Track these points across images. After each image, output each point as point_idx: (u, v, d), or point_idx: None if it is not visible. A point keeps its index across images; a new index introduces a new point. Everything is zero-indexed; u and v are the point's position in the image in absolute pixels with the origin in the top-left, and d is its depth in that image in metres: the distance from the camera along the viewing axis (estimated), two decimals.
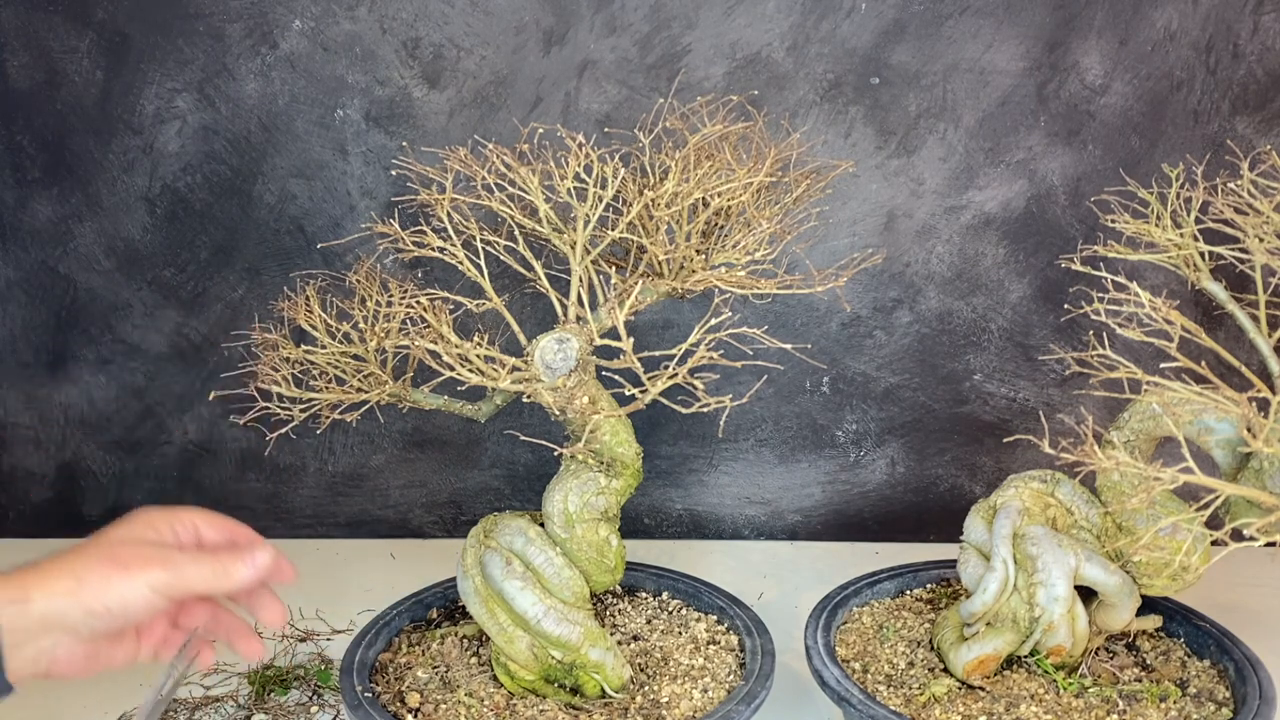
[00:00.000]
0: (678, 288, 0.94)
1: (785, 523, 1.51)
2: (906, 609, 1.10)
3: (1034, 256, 1.39)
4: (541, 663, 0.95)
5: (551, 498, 0.95)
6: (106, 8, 1.31)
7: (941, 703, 0.95)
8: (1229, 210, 0.95)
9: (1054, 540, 0.97)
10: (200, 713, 1.09)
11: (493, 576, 0.94)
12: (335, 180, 1.37)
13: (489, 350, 0.89)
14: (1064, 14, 1.31)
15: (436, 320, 0.89)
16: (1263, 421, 0.80)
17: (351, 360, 0.95)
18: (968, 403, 1.45)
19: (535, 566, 0.94)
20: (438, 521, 1.50)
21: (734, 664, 1.00)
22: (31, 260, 1.39)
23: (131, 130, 1.35)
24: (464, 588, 0.96)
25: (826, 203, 1.38)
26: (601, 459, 0.95)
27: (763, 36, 1.32)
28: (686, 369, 0.87)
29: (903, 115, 1.35)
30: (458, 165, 0.97)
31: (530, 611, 0.93)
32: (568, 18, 1.32)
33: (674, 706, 0.94)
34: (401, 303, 0.91)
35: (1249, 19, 1.31)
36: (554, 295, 0.93)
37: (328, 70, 1.33)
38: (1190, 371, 0.89)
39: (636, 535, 1.50)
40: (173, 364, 1.43)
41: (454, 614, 1.08)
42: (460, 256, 0.92)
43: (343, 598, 1.26)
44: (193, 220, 1.38)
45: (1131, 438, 0.97)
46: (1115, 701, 0.95)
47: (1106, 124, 1.34)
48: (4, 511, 1.48)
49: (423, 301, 0.90)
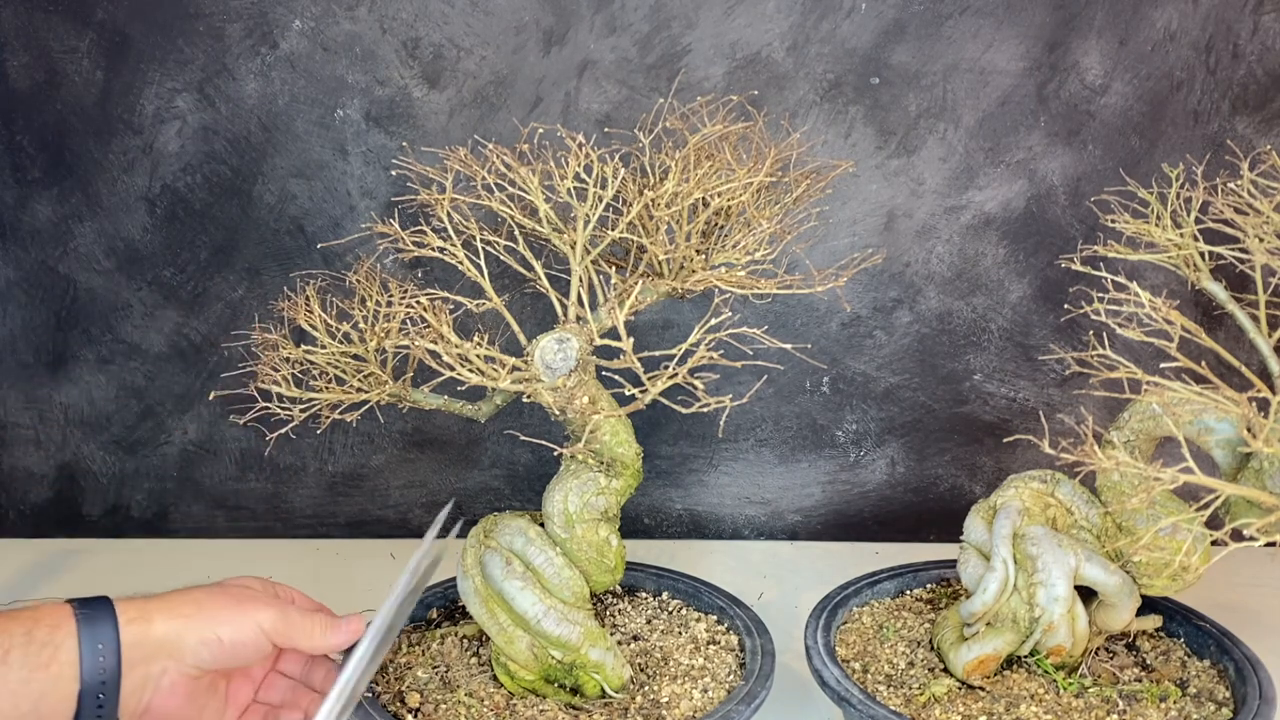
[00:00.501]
0: (678, 288, 0.94)
1: (785, 523, 1.51)
2: (906, 609, 1.10)
3: (1034, 256, 1.39)
4: (541, 663, 0.95)
5: (551, 498, 0.95)
6: (106, 8, 1.31)
7: (941, 703, 0.95)
8: (1229, 210, 0.95)
9: (1054, 540, 0.97)
10: None
11: (493, 577, 0.94)
12: (335, 180, 1.37)
13: (489, 350, 0.89)
14: (1064, 14, 1.31)
15: (436, 320, 0.89)
16: (1263, 421, 0.80)
17: (351, 360, 0.95)
18: (968, 403, 1.45)
19: (535, 566, 0.94)
20: None
21: (734, 664, 1.00)
22: (31, 260, 1.39)
23: (131, 130, 1.35)
24: (464, 588, 0.96)
25: (826, 203, 1.38)
26: (601, 459, 0.95)
27: (763, 36, 1.32)
28: (687, 369, 0.87)
29: (903, 115, 1.35)
30: (458, 165, 0.97)
31: (530, 611, 0.93)
32: (568, 18, 1.32)
33: (674, 706, 0.94)
34: (401, 302, 0.91)
35: (1249, 19, 1.31)
36: (554, 295, 0.93)
37: (328, 70, 1.33)
38: (1190, 371, 0.89)
39: (636, 535, 1.50)
40: (173, 364, 1.43)
41: (454, 614, 1.08)
42: (460, 256, 0.92)
43: (343, 598, 1.26)
44: (193, 220, 1.38)
45: (1131, 438, 0.97)
46: (1115, 701, 0.95)
47: (1106, 124, 1.34)
48: (4, 511, 1.48)
49: (422, 301, 0.90)
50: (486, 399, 0.98)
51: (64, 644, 0.70)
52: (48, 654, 0.70)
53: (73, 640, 0.71)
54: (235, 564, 1.34)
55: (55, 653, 0.70)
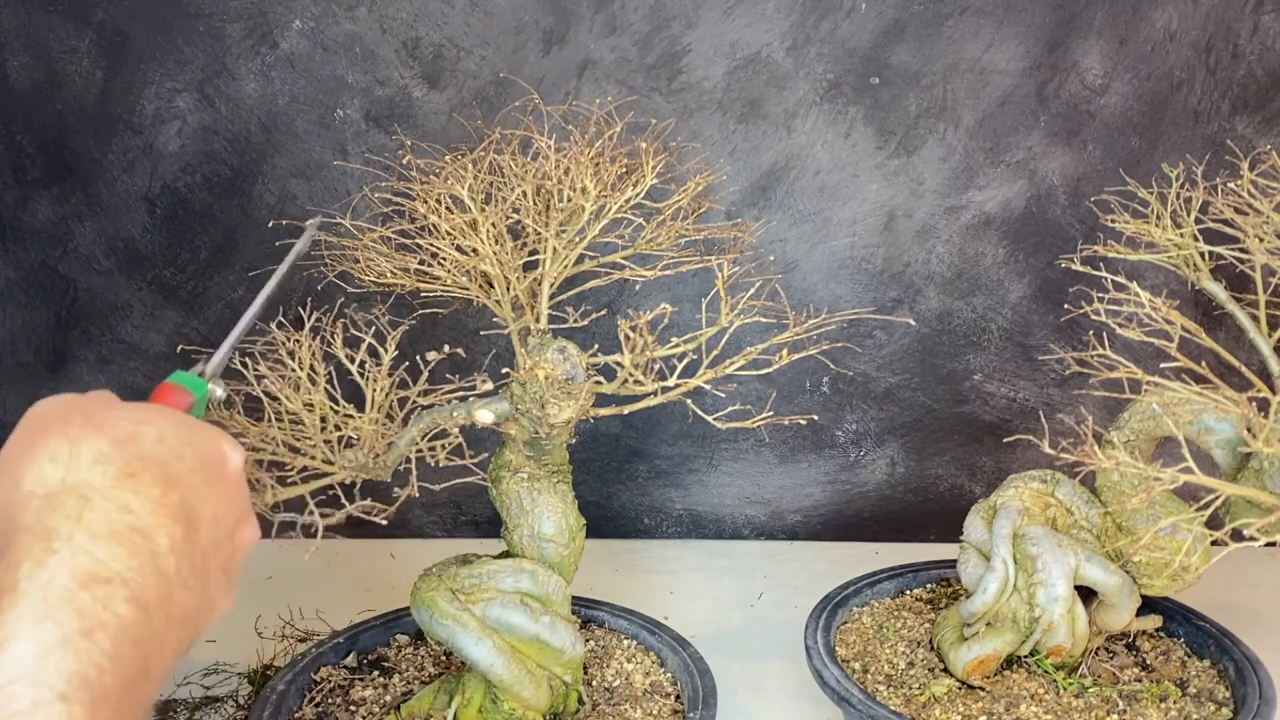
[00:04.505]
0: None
1: (785, 523, 1.51)
2: (906, 609, 1.10)
3: (1034, 256, 1.39)
4: (554, 692, 0.94)
5: (541, 521, 0.93)
6: (106, 8, 1.31)
7: (941, 703, 0.95)
8: (1229, 210, 0.95)
9: (1054, 540, 0.97)
10: (200, 713, 1.09)
11: (519, 625, 0.90)
12: (335, 180, 1.37)
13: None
14: (1064, 14, 1.31)
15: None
16: (1263, 421, 0.80)
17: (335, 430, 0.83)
18: (968, 403, 1.45)
19: (542, 597, 0.93)
20: (438, 521, 1.50)
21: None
22: (31, 260, 1.39)
23: (131, 130, 1.35)
24: (478, 653, 0.88)
25: (826, 203, 1.39)
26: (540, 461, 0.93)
27: (763, 36, 1.32)
28: (701, 381, 0.86)
29: (903, 115, 1.35)
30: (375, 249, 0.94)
31: (565, 642, 0.91)
32: (568, 18, 1.32)
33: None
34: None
35: (1249, 19, 1.31)
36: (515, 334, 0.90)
37: (328, 70, 1.33)
38: (1190, 371, 0.89)
39: (637, 535, 1.50)
40: (173, 364, 1.42)
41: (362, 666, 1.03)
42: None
43: (343, 598, 1.26)
44: (193, 220, 1.38)
45: (1131, 438, 0.97)
46: (1115, 701, 0.95)
47: (1106, 124, 1.34)
48: None
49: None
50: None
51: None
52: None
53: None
54: None
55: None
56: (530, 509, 0.93)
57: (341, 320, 0.84)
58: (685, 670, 0.97)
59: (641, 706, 0.96)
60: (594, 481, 1.47)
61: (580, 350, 0.89)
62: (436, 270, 0.92)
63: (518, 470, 0.93)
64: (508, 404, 0.89)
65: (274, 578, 1.30)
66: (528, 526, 0.93)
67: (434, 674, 1.01)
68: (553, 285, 0.91)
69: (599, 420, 1.06)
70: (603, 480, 1.48)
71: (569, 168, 0.92)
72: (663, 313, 0.85)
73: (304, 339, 0.81)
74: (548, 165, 0.92)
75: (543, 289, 0.91)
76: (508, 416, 0.90)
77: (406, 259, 0.93)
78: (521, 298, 0.91)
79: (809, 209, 1.39)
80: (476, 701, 0.92)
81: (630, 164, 0.95)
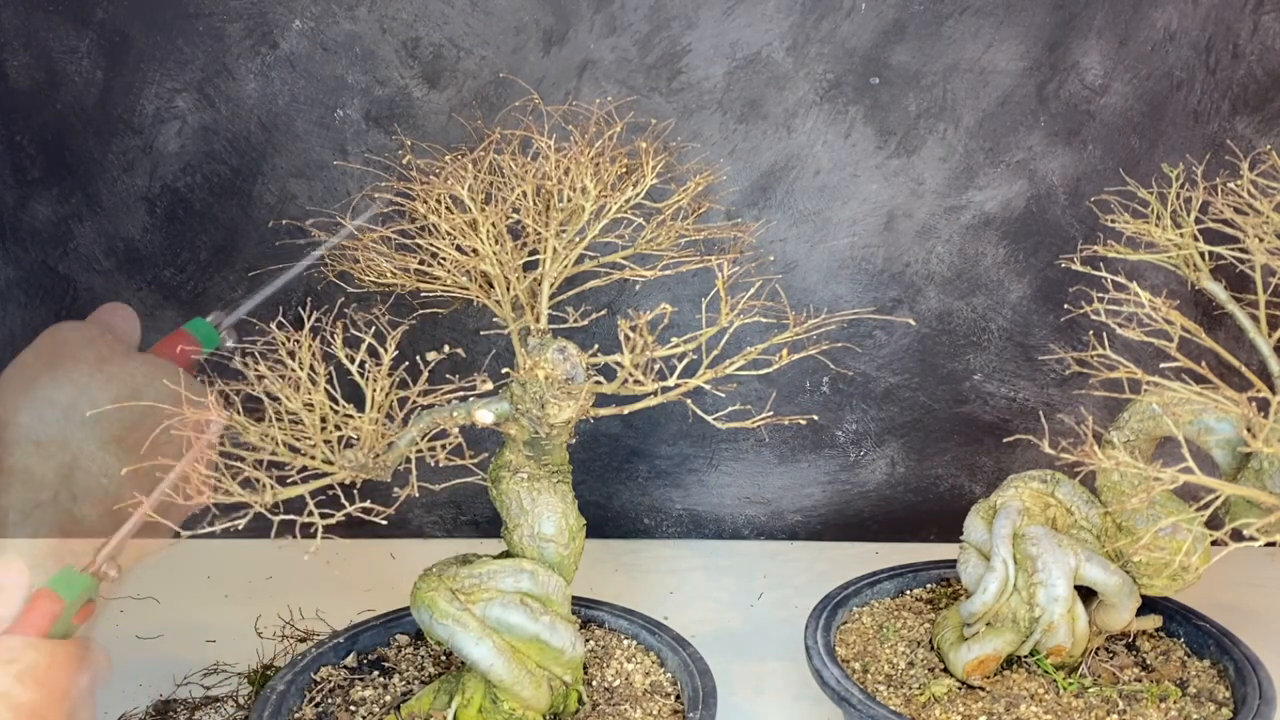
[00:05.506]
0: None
1: (785, 523, 1.51)
2: (906, 609, 1.10)
3: (1034, 256, 1.39)
4: (554, 692, 0.93)
5: (541, 521, 0.93)
6: (106, 8, 1.31)
7: (941, 703, 0.95)
8: (1229, 210, 0.95)
9: (1054, 540, 0.97)
10: (200, 713, 1.09)
11: (519, 625, 0.90)
12: (335, 180, 1.37)
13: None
14: (1064, 14, 1.31)
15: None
16: (1263, 421, 0.80)
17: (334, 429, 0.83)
18: (968, 403, 1.45)
19: (542, 597, 0.92)
20: (438, 521, 1.50)
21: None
22: (31, 260, 1.39)
23: (131, 130, 1.35)
24: (478, 653, 0.88)
25: (826, 203, 1.39)
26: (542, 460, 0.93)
27: (763, 36, 1.32)
28: (701, 381, 0.86)
29: (903, 115, 1.35)
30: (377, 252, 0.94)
31: (566, 642, 0.91)
32: (568, 18, 1.32)
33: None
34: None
35: (1249, 19, 1.31)
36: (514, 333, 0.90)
37: (328, 70, 1.33)
38: (1190, 371, 0.89)
39: (637, 535, 1.50)
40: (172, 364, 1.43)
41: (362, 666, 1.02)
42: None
43: (343, 598, 1.26)
44: (193, 220, 1.38)
45: (1131, 438, 0.97)
46: (1115, 701, 0.95)
47: (1106, 124, 1.34)
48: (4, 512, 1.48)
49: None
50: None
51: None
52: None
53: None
54: (234, 564, 1.34)
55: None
56: (530, 509, 0.93)
57: (341, 320, 0.84)
58: (685, 670, 0.97)
59: (641, 706, 0.96)
60: (594, 481, 1.47)
61: (580, 350, 0.89)
62: (436, 270, 0.92)
63: (518, 470, 0.93)
64: (508, 404, 0.89)
65: (274, 578, 1.30)
66: (528, 526, 0.93)
67: (434, 674, 1.01)
68: (553, 285, 0.91)
69: (599, 420, 1.06)
70: (603, 480, 1.48)
71: (569, 168, 0.92)
72: (663, 313, 0.85)
73: (304, 339, 0.81)
74: (548, 165, 0.92)
75: (543, 289, 0.91)
76: (508, 416, 0.90)
77: (406, 259, 0.94)
78: (521, 298, 0.91)
79: (809, 209, 1.39)
80: (476, 701, 0.92)
81: (630, 164, 0.95)
